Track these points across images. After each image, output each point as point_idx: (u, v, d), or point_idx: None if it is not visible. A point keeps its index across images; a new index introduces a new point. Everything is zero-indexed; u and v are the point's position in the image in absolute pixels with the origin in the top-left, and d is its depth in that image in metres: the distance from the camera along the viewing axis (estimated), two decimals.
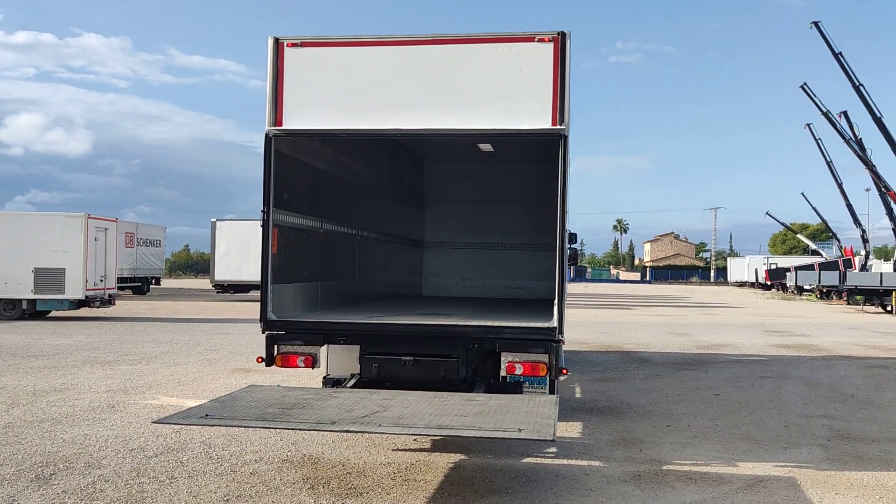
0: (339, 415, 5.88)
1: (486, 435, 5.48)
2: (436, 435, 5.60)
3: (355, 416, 5.82)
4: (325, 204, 9.26)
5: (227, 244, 36.61)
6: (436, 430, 5.52)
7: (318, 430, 5.81)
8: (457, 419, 5.81)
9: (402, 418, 5.80)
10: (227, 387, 11.21)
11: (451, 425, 5.61)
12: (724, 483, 6.61)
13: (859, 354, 17.38)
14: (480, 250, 14.56)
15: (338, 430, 5.55)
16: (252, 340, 18.02)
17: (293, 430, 7.59)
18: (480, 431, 5.49)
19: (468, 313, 9.01)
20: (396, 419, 5.76)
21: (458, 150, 13.51)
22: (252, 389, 6.96)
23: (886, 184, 47.25)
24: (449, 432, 5.47)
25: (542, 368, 7.14)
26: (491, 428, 5.54)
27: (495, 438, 5.62)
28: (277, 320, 7.51)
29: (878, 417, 9.77)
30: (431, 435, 5.65)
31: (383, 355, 7.41)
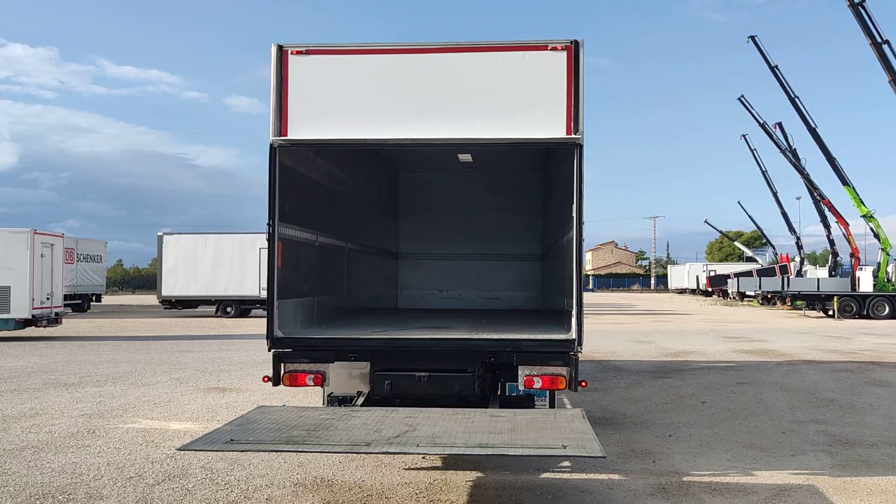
0: (368, 435, 5.64)
1: (531, 453, 5.31)
2: (480, 454, 5.41)
3: (388, 437, 5.59)
4: (319, 216, 9.00)
5: (175, 259, 35.71)
6: (478, 448, 5.33)
7: (355, 453, 5.56)
8: (493, 437, 5.63)
9: (437, 437, 5.59)
10: (208, 408, 10.80)
11: (491, 444, 5.42)
12: (749, 493, 6.58)
13: (821, 359, 17.76)
14: (456, 261, 14.41)
15: (376, 451, 5.32)
16: (217, 358, 17.50)
17: (321, 453, 7.28)
18: (524, 449, 5.32)
19: (467, 326, 8.84)
20: (432, 438, 5.55)
21: (435, 161, 13.36)
22: (263, 411, 6.66)
23: (821, 192, 48.80)
24: (493, 451, 5.28)
25: (561, 381, 7.01)
26: (534, 445, 5.38)
27: (543, 456, 5.46)
28: (285, 337, 7.22)
29: (866, 422, 9.92)
30: (475, 455, 5.45)
31: (396, 371, 7.19)
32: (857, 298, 37.65)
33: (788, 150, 48.51)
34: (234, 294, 35.50)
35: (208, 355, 18.17)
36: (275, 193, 7.17)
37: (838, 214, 47.12)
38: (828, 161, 44.03)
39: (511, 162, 13.42)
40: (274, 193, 7.17)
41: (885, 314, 36.51)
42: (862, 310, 36.87)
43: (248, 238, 35.60)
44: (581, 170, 6.98)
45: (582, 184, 6.99)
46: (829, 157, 43.95)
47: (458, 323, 9.37)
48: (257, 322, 32.72)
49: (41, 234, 23.49)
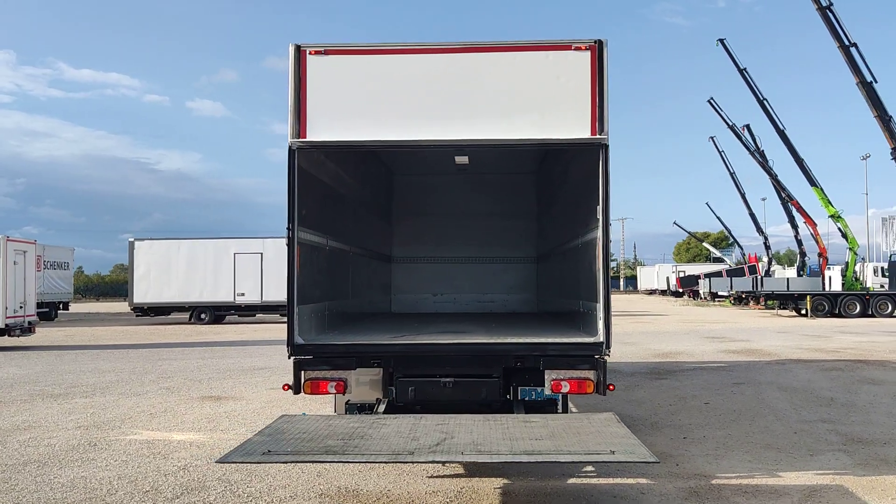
0: (407, 444, 5.49)
1: (581, 459, 5.21)
2: (528, 462, 5.28)
3: (429, 445, 5.45)
4: (329, 220, 8.82)
5: (147, 265, 35.13)
6: (524, 456, 5.21)
7: (401, 462, 5.39)
8: (536, 443, 5.51)
9: (479, 445, 5.45)
10: (207, 417, 10.54)
11: (537, 450, 5.31)
12: (781, 495, 6.53)
13: (808, 358, 17.94)
14: (450, 265, 14.27)
15: (421, 460, 5.16)
16: (203, 366, 17.17)
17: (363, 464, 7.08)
18: (573, 456, 5.21)
19: (483, 330, 8.71)
20: (475, 446, 5.41)
21: (430, 163, 13.23)
22: (289, 420, 6.46)
23: (789, 192, 49.56)
24: (541, 458, 5.16)
25: (588, 385, 6.92)
26: (582, 451, 5.28)
27: (593, 462, 5.33)
28: (306, 344, 7.03)
29: (871, 420, 9.98)
30: (523, 462, 5.32)
31: (420, 377, 7.04)
32: (829, 297, 38.25)
33: (757, 151, 49.19)
34: (208, 300, 35.00)
35: (193, 363, 17.82)
36: (294, 197, 6.99)
37: (806, 215, 47.89)
38: (796, 162, 44.73)
39: (505, 164, 13.33)
40: (293, 197, 6.98)
41: (857, 312, 37.13)
42: (834, 308, 37.47)
43: (223, 243, 35.15)
44: (607, 170, 6.89)
45: (608, 185, 6.89)
46: (797, 157, 44.64)
47: (472, 327, 9.24)
48: (233, 329, 32.30)
49: (14, 240, 22.91)
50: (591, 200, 7.75)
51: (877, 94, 35.83)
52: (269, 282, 34.37)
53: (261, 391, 12.95)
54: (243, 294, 34.53)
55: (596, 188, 7.24)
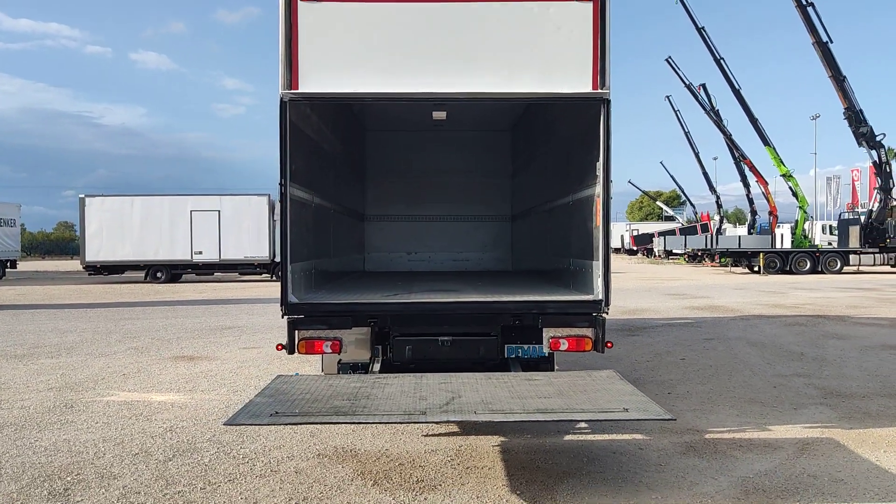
0: (417, 404, 5.40)
1: (596, 417, 5.18)
2: (544, 420, 5.23)
3: (439, 405, 5.37)
4: (315, 176, 8.58)
5: (99, 222, 34.25)
6: (539, 414, 5.16)
7: (413, 422, 5.29)
8: (546, 402, 5.47)
9: (490, 404, 5.39)
10: (185, 378, 10.32)
11: (550, 409, 5.26)
12: (776, 448, 6.64)
13: (769, 313, 18.32)
14: (424, 223, 14.13)
15: (435, 420, 5.08)
16: (168, 325, 16.83)
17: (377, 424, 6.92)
18: (588, 414, 5.18)
19: (471, 288, 8.63)
20: (486, 405, 5.35)
21: (404, 119, 12.99)
22: (287, 381, 6.31)
23: (742, 152, 50.31)
24: (557, 417, 5.12)
25: (587, 343, 6.90)
26: (596, 409, 5.25)
27: (608, 420, 5.29)
28: (301, 303, 6.86)
29: (844, 374, 10.21)
30: (539, 420, 5.26)
31: (417, 336, 6.94)
32: (780, 255, 39.12)
33: (712, 110, 49.68)
34: (164, 259, 34.33)
35: (157, 322, 17.46)
36: (286, 151, 6.75)
37: (758, 174, 48.72)
38: (750, 121, 45.33)
39: (481, 121, 13.16)
40: (285, 151, 6.74)
41: (807, 269, 38.08)
42: (785, 265, 38.36)
43: (179, 200, 34.40)
44: (609, 126, 6.79)
45: (610, 140, 6.80)
46: (752, 117, 45.23)
47: (459, 286, 9.15)
48: (192, 287, 31.79)
49: None
50: (585, 157, 7.66)
51: (832, 55, 36.34)
52: (227, 240, 33.82)
53: (234, 351, 12.74)
54: (201, 252, 33.92)
55: (592, 144, 7.14)
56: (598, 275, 6.99)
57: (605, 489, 5.61)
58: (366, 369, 7.29)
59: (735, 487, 5.64)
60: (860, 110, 37.03)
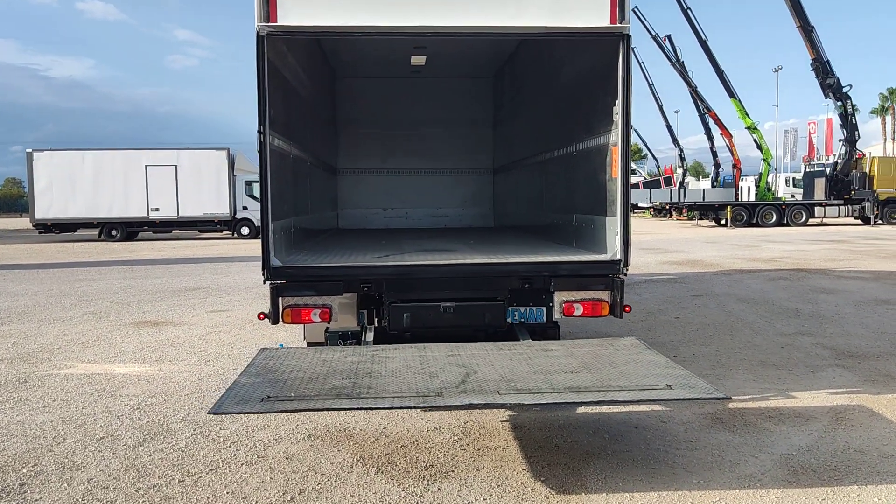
0: (429, 382, 4.72)
1: (639, 398, 4.55)
2: (579, 402, 4.59)
3: (454, 383, 4.69)
4: (291, 124, 7.75)
5: (49, 178, 32.71)
6: (572, 394, 4.52)
7: (431, 407, 4.57)
8: (574, 378, 4.83)
9: (512, 381, 4.73)
10: (149, 346, 9.51)
11: (583, 387, 4.62)
12: (809, 419, 6.11)
13: (749, 268, 17.97)
14: (400, 177, 13.34)
15: (457, 404, 4.40)
16: (126, 286, 15.89)
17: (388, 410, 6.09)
18: (628, 393, 4.54)
19: (466, 248, 7.94)
20: (508, 383, 4.69)
21: (379, 66, 12.10)
22: (273, 356, 5.58)
23: (707, 104, 50.02)
24: (594, 397, 4.47)
25: (603, 307, 6.29)
26: (635, 387, 4.62)
27: (653, 401, 4.67)
28: (285, 267, 6.09)
29: (848, 332, 9.79)
30: (574, 402, 4.63)
31: (417, 302, 6.24)
32: (747, 208, 39.07)
33: (677, 62, 49.11)
34: (119, 216, 33.00)
35: (114, 284, 16.48)
36: (264, 94, 5.91)
37: (723, 126, 48.50)
38: (716, 73, 44.89)
39: (463, 67, 12.34)
40: (263, 94, 5.90)
41: (773, 222, 38.10)
42: (752, 218, 38.32)
43: (133, 155, 32.96)
44: (629, 65, 6.07)
45: (629, 82, 6.08)
46: (718, 69, 44.77)
47: (453, 245, 8.45)
48: (149, 246, 30.63)
49: None
50: (594, 102, 6.95)
51: (801, 5, 35.86)
52: (185, 196, 32.56)
53: (201, 315, 11.92)
54: (157, 209, 32.64)
55: (606, 87, 6.44)
56: (615, 232, 6.34)
57: (638, 472, 5.02)
58: (357, 339, 6.59)
59: (780, 467, 5.09)
60: (827, 61, 36.75)
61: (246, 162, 34.27)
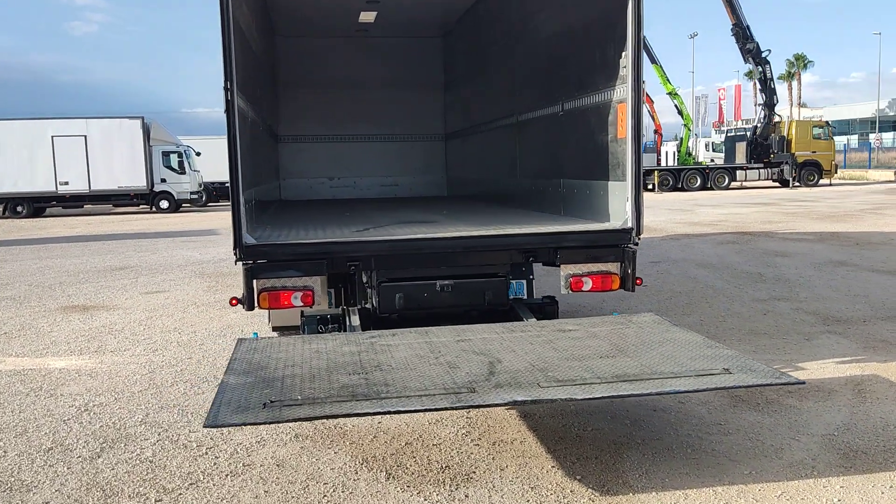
0: (454, 376, 4.09)
1: (704, 386, 3.99)
2: (636, 394, 4.00)
3: (483, 376, 4.07)
4: (248, 83, 6.89)
5: None
6: (626, 385, 3.96)
7: (467, 406, 3.86)
8: (615, 364, 4.28)
9: (548, 371, 4.14)
10: (83, 334, 8.54)
11: (633, 375, 4.07)
12: (829, 392, 5.75)
13: (693, 232, 17.89)
14: (347, 143, 12.54)
15: (498, 402, 3.76)
16: (44, 267, 14.59)
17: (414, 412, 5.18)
18: (688, 381, 4.00)
19: (438, 218, 7.30)
20: (545, 373, 4.09)
21: (324, 23, 11.23)
22: (254, 347, 4.83)
23: None
24: (654, 388, 3.90)
25: (613, 281, 5.77)
26: (690, 373, 4.09)
27: (721, 389, 4.13)
28: (261, 245, 5.32)
29: (822, 295, 9.60)
30: (631, 395, 4.01)
31: (410, 281, 5.58)
32: (673, 172, 39.44)
33: None
34: (24, 191, 30.84)
35: (29, 265, 15.14)
36: (230, 42, 5.11)
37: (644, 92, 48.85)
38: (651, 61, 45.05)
39: (413, 25, 11.58)
40: (229, 42, 5.10)
41: (697, 186, 38.61)
42: (677, 183, 38.73)
43: (36, 125, 30.76)
44: (639, 18, 5.48)
45: (640, 38, 5.50)
46: None
47: (428, 216, 7.79)
48: (61, 222, 28.76)
49: None
50: (587, 55, 6.38)
51: None
52: (96, 168, 30.64)
53: (135, 297, 10.91)
54: (67, 183, 30.63)
55: (607, 38, 5.87)
56: (623, 197, 5.80)
57: (679, 465, 4.52)
58: (338, 324, 5.88)
59: (828, 451, 4.68)
60: (747, 26, 37.18)
61: (163, 132, 32.50)
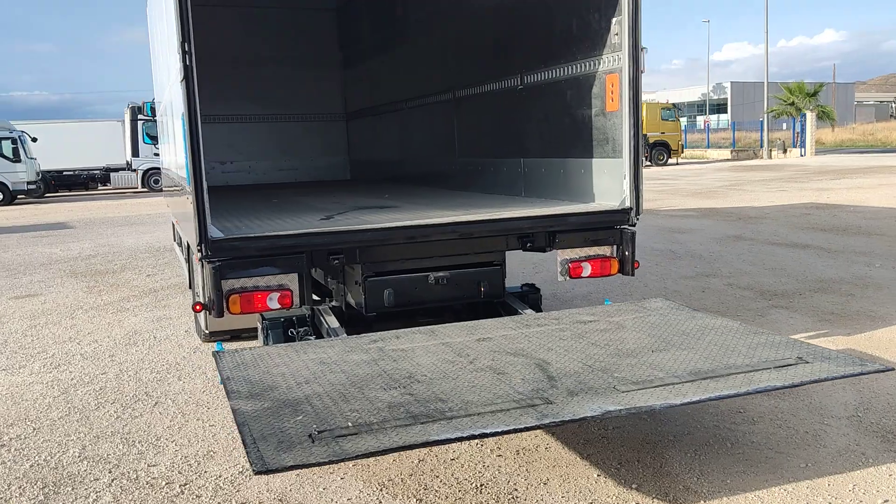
0: (509, 386, 3.52)
1: (795, 380, 3.58)
2: (726, 396, 3.48)
3: (548, 383, 3.53)
4: None
5: None
6: (710, 383, 3.54)
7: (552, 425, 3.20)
8: (671, 360, 3.87)
9: (614, 371, 3.66)
10: (20, 333, 7.24)
11: (709, 371, 3.66)
12: None
13: None
14: (239, 125, 11.52)
15: (588, 415, 3.21)
16: None
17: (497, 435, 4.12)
18: (773, 374, 3.63)
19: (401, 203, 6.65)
20: (617, 378, 3.60)
21: None
22: (240, 360, 4.03)
23: None
24: (745, 386, 3.48)
25: (613, 265, 5.38)
26: (768, 365, 3.73)
27: (810, 382, 3.70)
28: (231, 239, 4.49)
29: (741, 270, 9.70)
30: (722, 397, 3.45)
31: (399, 274, 4.93)
32: None
33: None
34: None
35: None
36: None
37: None
38: None
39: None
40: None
41: None
42: None
43: None
44: None
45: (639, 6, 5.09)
46: None
47: (374, 201, 7.10)
48: None
49: None
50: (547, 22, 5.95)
51: None
52: None
53: (4, 302, 9.49)
54: None
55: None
56: (616, 175, 5.42)
57: (729, 461, 4.16)
58: (306, 326, 5.13)
59: (866, 435, 4.46)
60: None
61: None
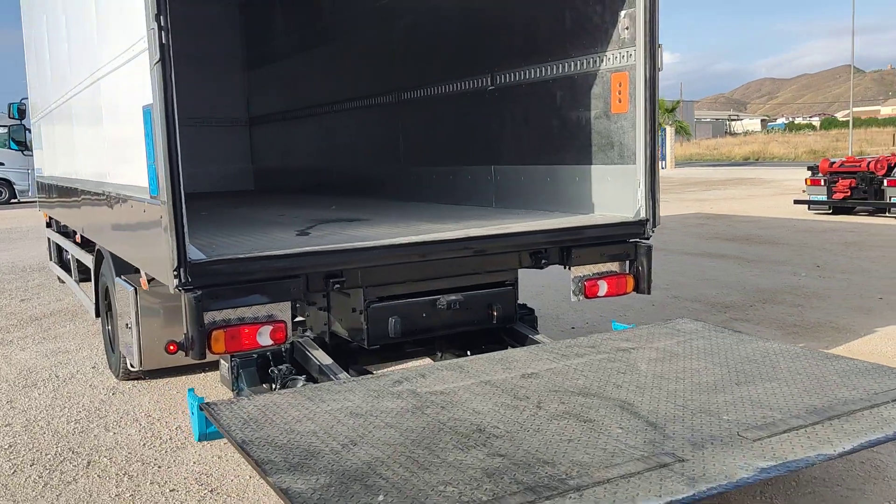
0: (608, 440, 2.93)
1: None
2: (880, 442, 2.93)
3: (656, 434, 2.96)
4: None
5: None
6: (836, 422, 3.06)
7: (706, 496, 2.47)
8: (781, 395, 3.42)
9: (720, 414, 3.14)
10: None
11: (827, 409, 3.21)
12: None
13: None
14: None
15: (746, 477, 2.60)
16: None
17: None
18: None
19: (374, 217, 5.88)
20: (727, 421, 3.08)
21: None
22: (247, 420, 3.22)
23: None
24: (881, 431, 2.99)
25: (628, 282, 4.87)
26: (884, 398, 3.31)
27: None
28: (215, 261, 3.63)
29: (677, 281, 9.58)
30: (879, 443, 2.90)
31: (405, 299, 4.23)
32: None
33: None
34: None
35: None
36: None
37: None
38: None
39: None
40: None
41: None
42: None
43: None
44: None
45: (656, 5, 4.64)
46: None
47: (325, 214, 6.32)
48: None
49: None
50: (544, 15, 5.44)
51: None
52: None
53: None
54: None
55: None
56: (624, 183, 4.94)
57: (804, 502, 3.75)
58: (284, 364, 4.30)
59: None
60: None
61: None
